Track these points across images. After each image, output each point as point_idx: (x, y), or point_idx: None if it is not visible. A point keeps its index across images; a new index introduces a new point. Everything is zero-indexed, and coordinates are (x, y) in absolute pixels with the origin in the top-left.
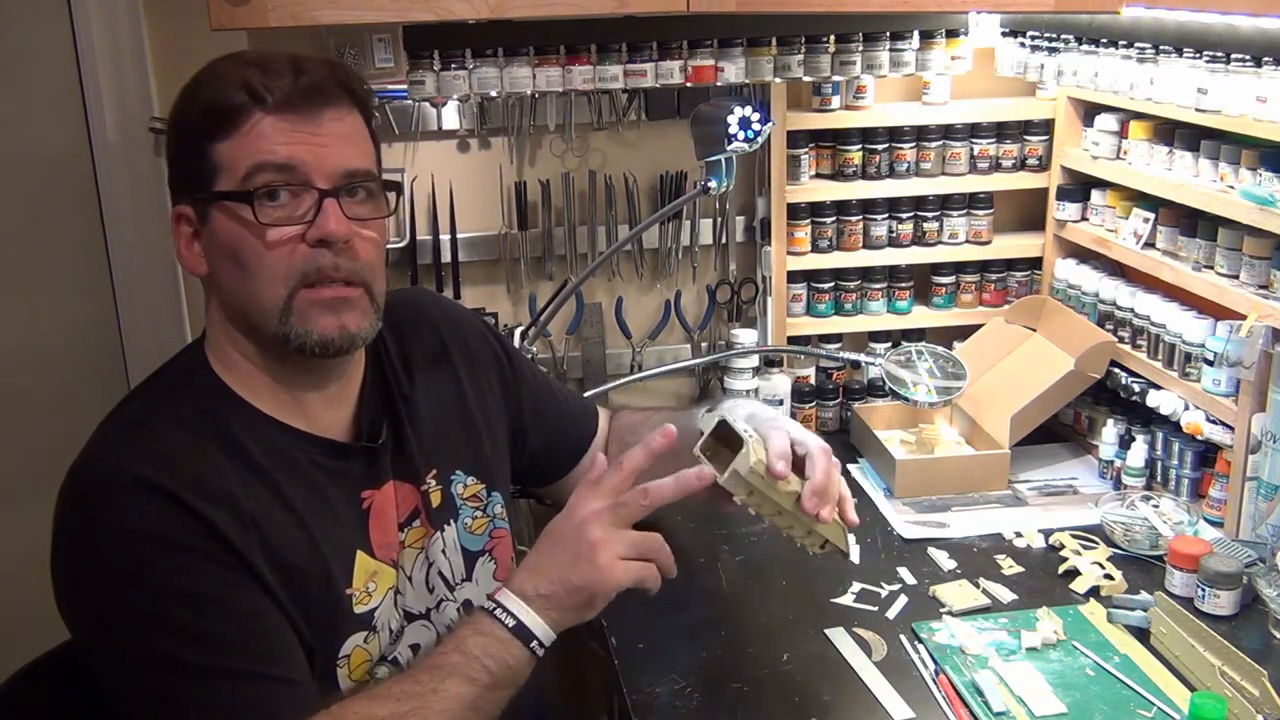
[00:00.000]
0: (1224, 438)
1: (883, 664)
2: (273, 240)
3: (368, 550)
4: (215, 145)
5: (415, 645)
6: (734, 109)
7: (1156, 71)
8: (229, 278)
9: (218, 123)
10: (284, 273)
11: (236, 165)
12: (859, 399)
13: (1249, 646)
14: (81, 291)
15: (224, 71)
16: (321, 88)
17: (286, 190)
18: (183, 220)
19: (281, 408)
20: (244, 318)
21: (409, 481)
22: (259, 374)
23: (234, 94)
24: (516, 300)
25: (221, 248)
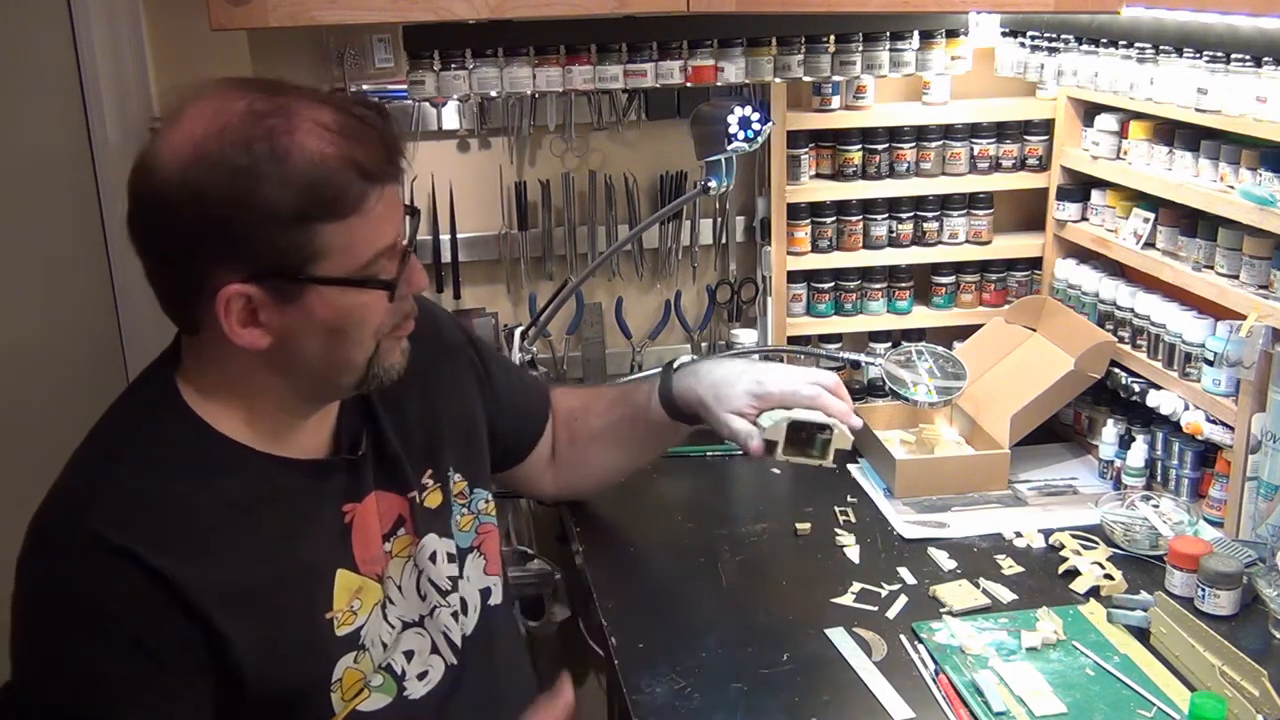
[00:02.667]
0: (1224, 438)
1: (883, 664)
2: (383, 309)
3: (350, 566)
4: (322, 229)
5: (409, 651)
6: (734, 109)
7: (1156, 71)
8: (314, 349)
9: (331, 208)
10: (380, 331)
11: (357, 251)
12: (859, 399)
13: (1249, 646)
14: (81, 291)
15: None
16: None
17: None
18: (235, 299)
19: (261, 437)
20: (320, 378)
21: (393, 490)
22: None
23: (348, 177)
24: (516, 300)
25: (315, 325)
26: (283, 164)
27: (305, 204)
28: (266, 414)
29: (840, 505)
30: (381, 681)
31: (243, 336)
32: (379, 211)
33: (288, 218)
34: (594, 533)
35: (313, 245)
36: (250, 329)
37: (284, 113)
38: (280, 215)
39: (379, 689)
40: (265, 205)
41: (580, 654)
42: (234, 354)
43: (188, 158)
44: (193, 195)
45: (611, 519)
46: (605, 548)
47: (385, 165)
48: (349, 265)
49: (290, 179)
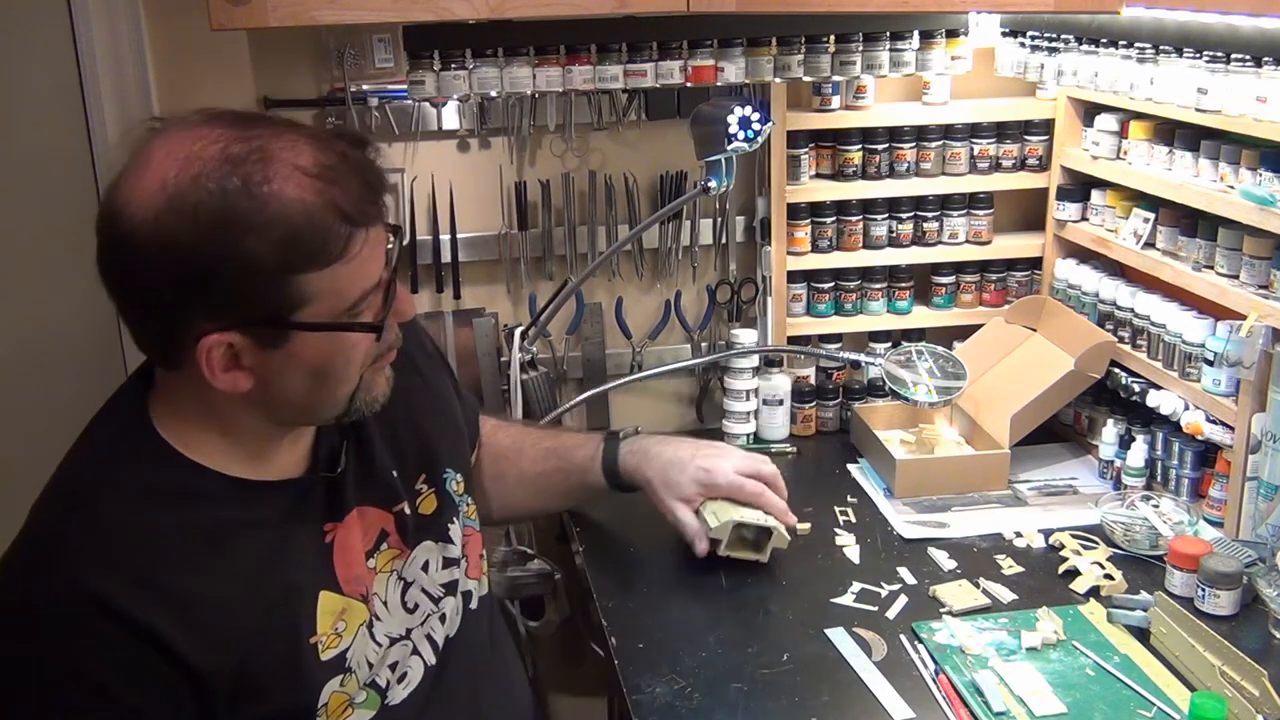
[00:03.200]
0: (1224, 438)
1: (883, 664)
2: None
3: (333, 587)
4: (306, 276)
5: (394, 664)
6: (734, 109)
7: (1156, 71)
8: (298, 388)
9: (312, 256)
10: (363, 365)
11: (343, 295)
12: (859, 399)
13: (1249, 646)
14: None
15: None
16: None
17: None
18: (217, 347)
19: (238, 464)
20: (302, 413)
21: (377, 505)
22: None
23: (331, 224)
24: (516, 300)
25: (300, 367)
26: (262, 214)
27: (287, 254)
28: (243, 440)
29: (840, 505)
30: (365, 697)
31: (223, 380)
32: (364, 254)
33: (270, 268)
34: (594, 533)
35: (296, 293)
36: (233, 372)
37: (260, 157)
38: (262, 266)
39: (363, 705)
40: (245, 258)
41: (580, 654)
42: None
43: (161, 206)
44: (169, 246)
45: (611, 519)
46: (605, 548)
47: (368, 206)
48: (334, 309)
49: (271, 230)
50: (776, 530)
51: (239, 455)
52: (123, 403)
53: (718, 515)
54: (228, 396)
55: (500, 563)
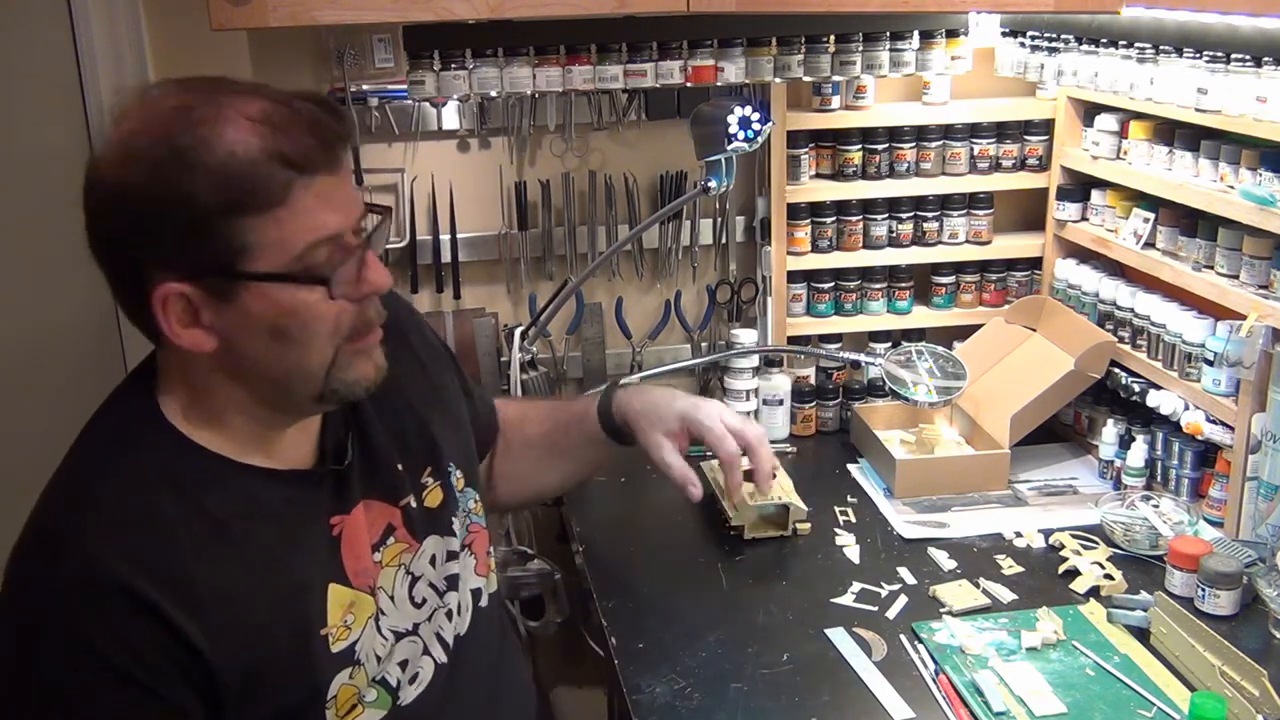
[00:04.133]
0: (1224, 438)
1: (883, 664)
2: (330, 311)
3: (342, 580)
4: (246, 222)
5: (404, 661)
6: (734, 109)
7: (1156, 71)
8: (262, 353)
9: (251, 200)
10: (334, 335)
11: (286, 246)
12: (859, 399)
13: (1249, 646)
14: (81, 291)
15: (226, 135)
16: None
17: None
18: (173, 299)
19: (245, 450)
20: (275, 385)
21: (382, 499)
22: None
23: (267, 167)
24: (516, 300)
25: (256, 326)
26: (203, 156)
27: (227, 196)
28: (240, 426)
29: (840, 505)
30: (376, 696)
31: (184, 337)
32: (309, 203)
33: (212, 211)
34: (594, 533)
35: (240, 239)
36: (193, 330)
37: (213, 105)
38: (204, 209)
39: (373, 704)
40: (187, 199)
41: (580, 654)
42: (196, 362)
43: (119, 156)
44: (122, 194)
45: (611, 519)
46: (605, 548)
47: (315, 154)
48: (279, 260)
49: (211, 171)
50: (794, 505)
51: (243, 443)
52: (130, 390)
53: (735, 505)
54: (209, 371)
55: (500, 563)
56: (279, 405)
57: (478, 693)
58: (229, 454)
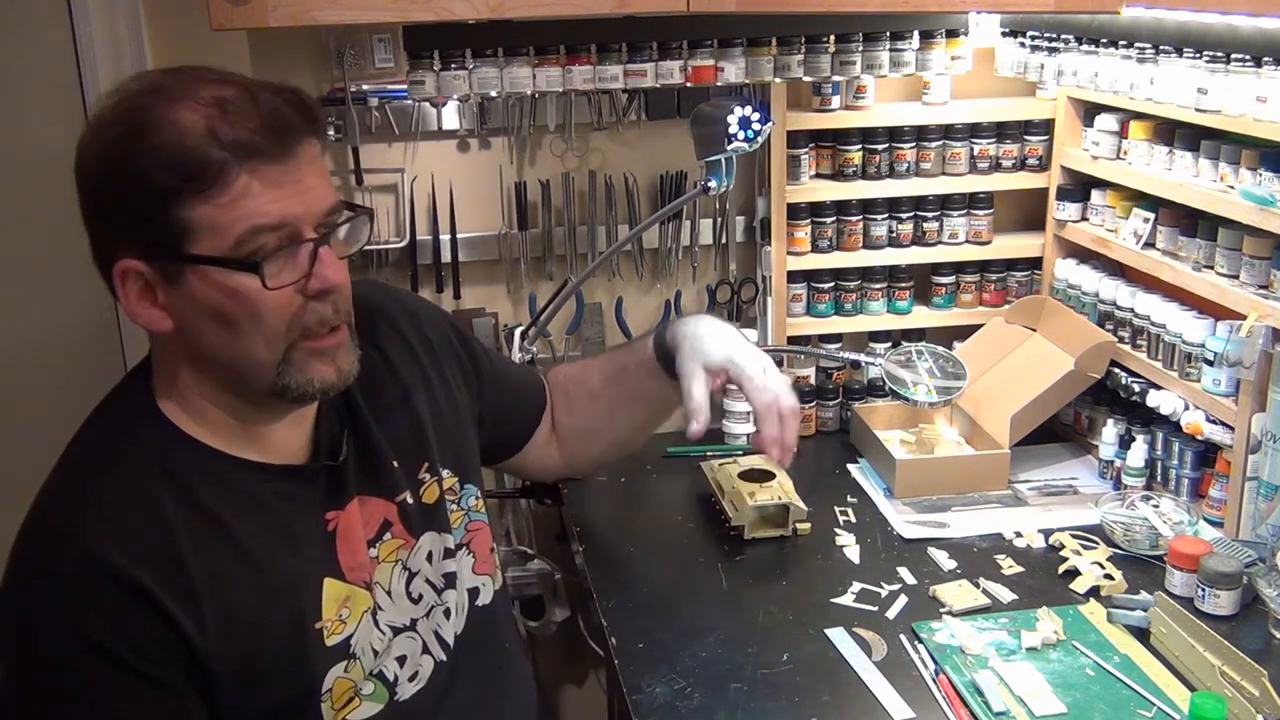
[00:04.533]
0: (1224, 438)
1: (883, 664)
2: (273, 302)
3: (337, 575)
4: (187, 204)
5: (402, 657)
6: (734, 109)
7: (1156, 71)
8: (211, 338)
9: (190, 181)
10: (284, 330)
11: (225, 230)
12: (859, 399)
13: (1249, 646)
14: (81, 291)
15: (177, 116)
16: (289, 122)
17: (283, 249)
18: (130, 276)
19: (237, 443)
20: (228, 372)
21: (377, 495)
22: (219, 414)
23: (206, 149)
24: (516, 300)
25: (202, 309)
26: (149, 134)
27: (169, 175)
28: (219, 418)
29: (840, 505)
30: (373, 689)
31: (142, 315)
32: (252, 189)
33: (154, 189)
34: (594, 533)
35: (180, 221)
36: (151, 309)
37: (175, 86)
38: (146, 186)
39: (370, 697)
40: (133, 177)
41: (580, 654)
42: (164, 346)
43: (87, 134)
44: (83, 169)
45: (611, 519)
46: (605, 548)
47: (260, 140)
48: (220, 244)
49: (156, 149)
50: (794, 505)
51: (234, 437)
52: (128, 386)
53: (735, 505)
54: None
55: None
56: (241, 394)
57: (477, 692)
58: (222, 448)
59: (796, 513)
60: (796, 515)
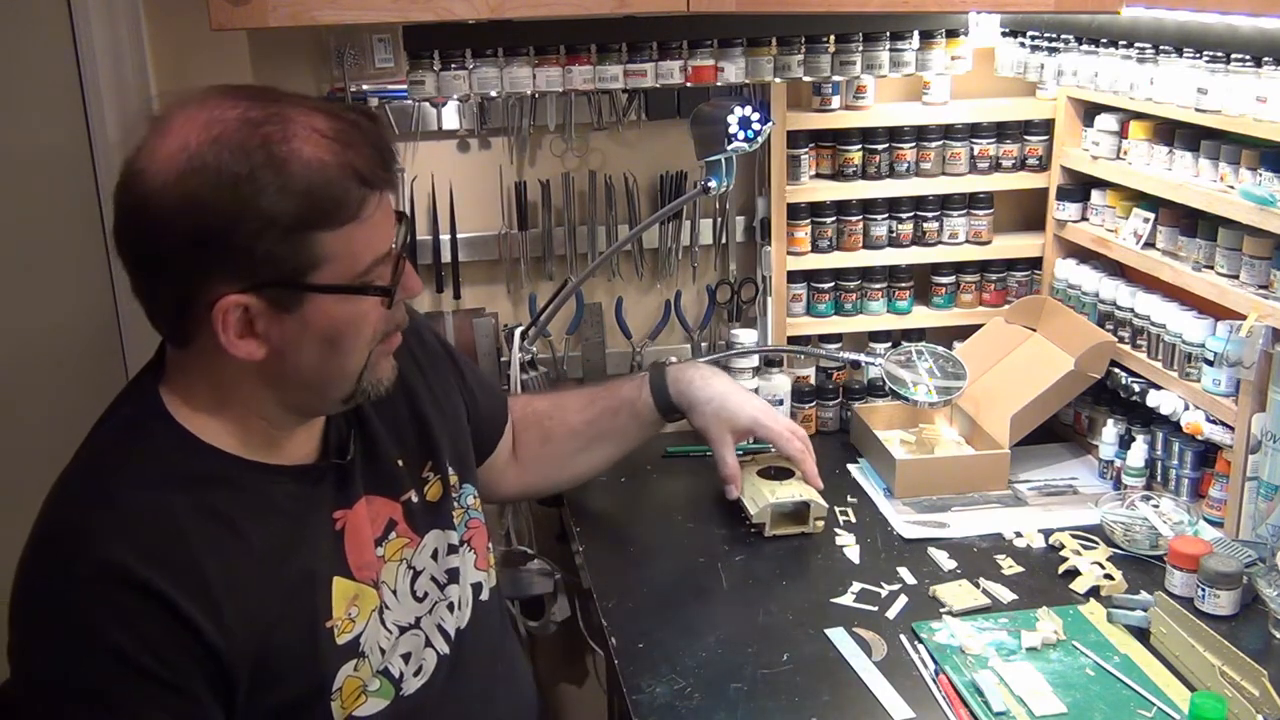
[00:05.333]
0: (1224, 438)
1: (883, 664)
2: (373, 317)
3: (345, 574)
4: (318, 236)
5: (407, 654)
6: (734, 109)
7: (1156, 71)
8: (310, 360)
9: (328, 215)
10: (372, 340)
11: (355, 258)
12: (859, 399)
13: (1249, 646)
14: (81, 291)
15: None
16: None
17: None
18: (233, 310)
19: (249, 447)
20: (310, 390)
21: (383, 494)
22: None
23: (345, 183)
24: (516, 300)
25: (313, 335)
26: (281, 172)
27: (305, 212)
28: (255, 427)
29: (840, 505)
30: (379, 685)
31: (239, 348)
32: (376, 218)
33: (287, 226)
34: (594, 533)
35: (312, 253)
36: (247, 340)
37: (279, 120)
38: (279, 224)
39: (376, 693)
40: (264, 214)
41: (580, 654)
42: (225, 366)
43: (182, 167)
44: (189, 206)
45: (611, 519)
46: (605, 548)
47: (381, 171)
48: (347, 273)
49: (289, 187)
50: (814, 501)
51: (251, 441)
52: (137, 390)
53: (755, 501)
54: (239, 375)
55: (500, 563)
56: (304, 409)
57: (478, 684)
58: (234, 450)
59: (817, 509)
60: (817, 512)
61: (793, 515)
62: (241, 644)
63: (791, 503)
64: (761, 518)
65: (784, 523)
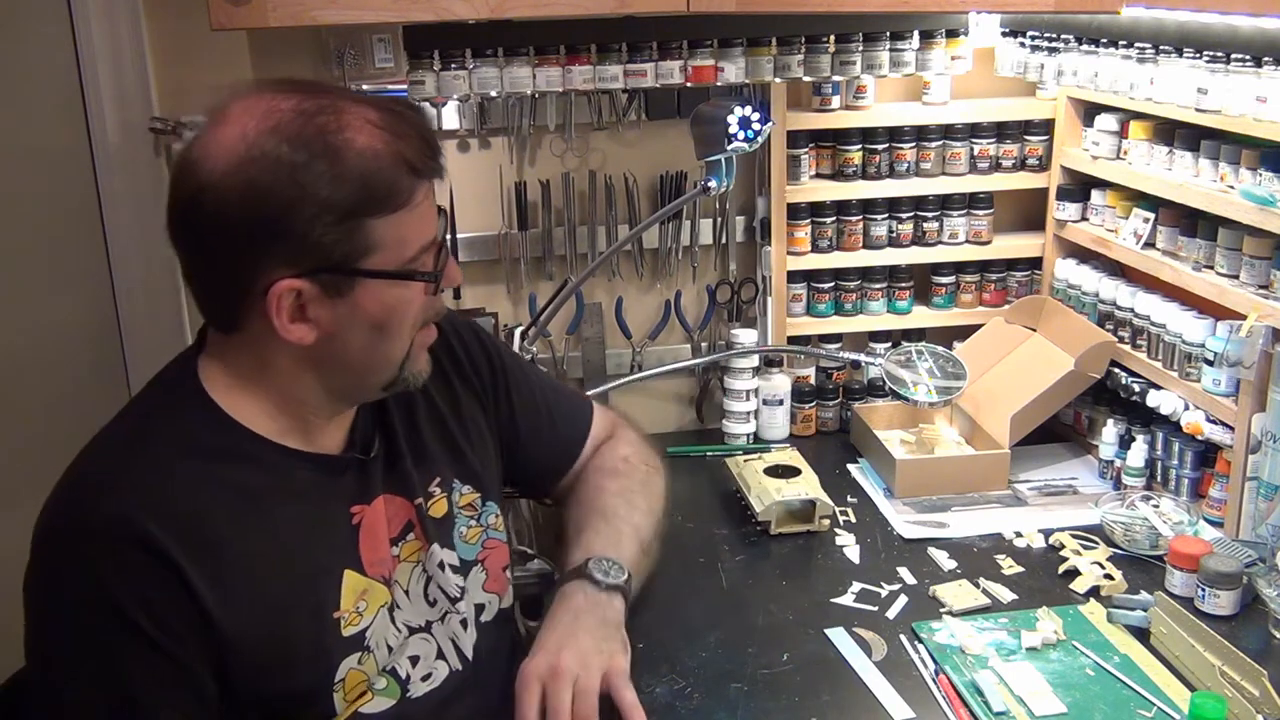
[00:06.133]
0: (1224, 438)
1: (883, 664)
2: (418, 304)
3: (357, 568)
4: (372, 223)
5: (415, 657)
6: (734, 109)
7: (1156, 71)
8: (358, 344)
9: (382, 203)
10: (415, 326)
11: (405, 245)
12: (859, 399)
13: (1249, 646)
14: (81, 291)
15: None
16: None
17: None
18: (286, 294)
19: (278, 430)
20: (355, 376)
21: (401, 495)
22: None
23: (398, 171)
24: (516, 300)
25: (363, 319)
26: (336, 160)
27: (359, 200)
28: (293, 412)
29: (840, 505)
30: (385, 684)
31: (292, 332)
32: (424, 207)
33: (342, 213)
34: None
35: (365, 240)
36: (298, 324)
37: (333, 110)
38: (334, 211)
39: (382, 692)
40: (320, 201)
41: None
42: (272, 350)
43: (241, 155)
44: (247, 192)
45: None
46: None
47: (429, 160)
48: (397, 259)
49: (344, 175)
50: (820, 500)
51: (282, 425)
52: (175, 366)
53: (761, 499)
54: (286, 359)
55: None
56: (347, 394)
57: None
58: (264, 433)
59: (823, 508)
60: (823, 510)
61: (798, 513)
62: (245, 620)
63: (798, 501)
64: (767, 515)
65: (789, 521)
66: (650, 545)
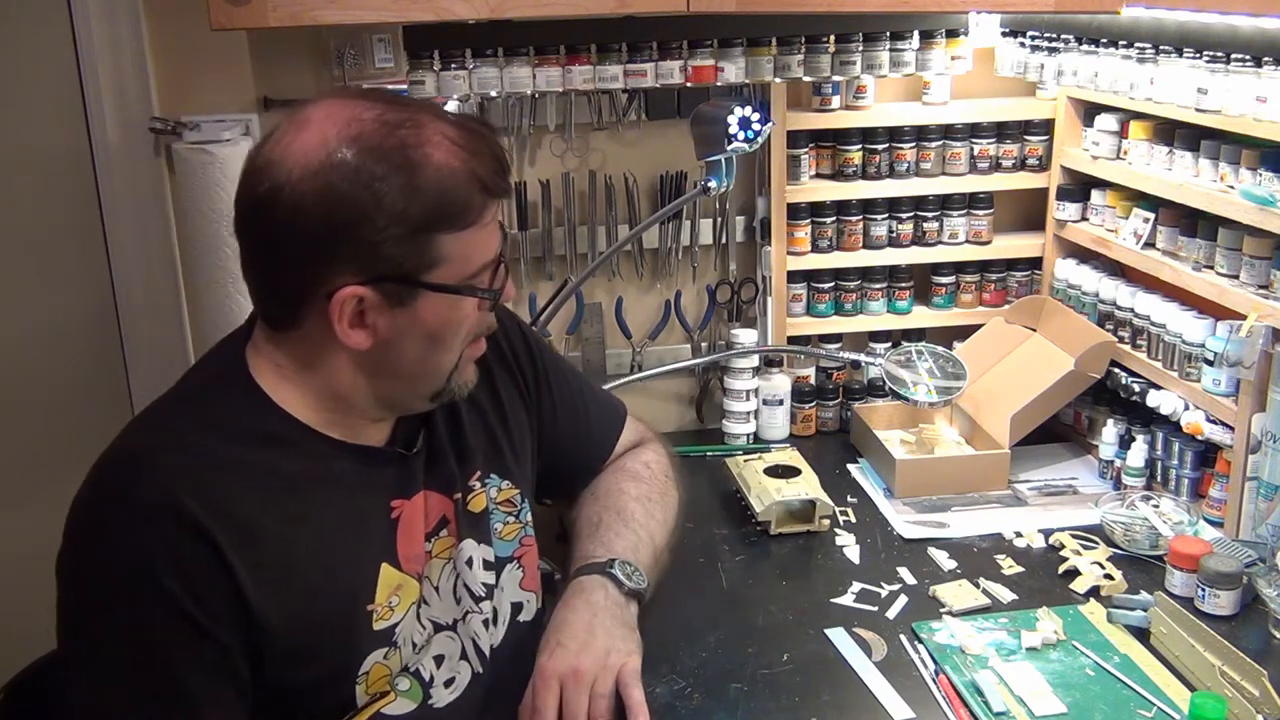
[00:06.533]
0: (1224, 438)
1: (883, 664)
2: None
3: (393, 563)
4: (441, 237)
5: (439, 656)
6: (734, 109)
7: (1156, 71)
8: (412, 353)
9: (452, 219)
10: (467, 339)
11: (470, 260)
12: (859, 399)
13: (1249, 646)
14: (81, 291)
15: (435, 156)
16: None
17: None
18: (349, 301)
19: (324, 422)
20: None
21: (440, 491)
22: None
23: (471, 189)
24: (516, 300)
25: (419, 329)
26: (414, 174)
27: (432, 214)
28: (338, 408)
29: (840, 505)
30: (408, 686)
31: (351, 337)
32: (491, 226)
33: (413, 226)
34: None
35: (432, 253)
36: (357, 329)
37: (414, 124)
38: (406, 223)
39: (405, 693)
40: (394, 213)
41: None
42: (327, 352)
43: (323, 160)
44: (325, 198)
45: None
46: None
47: (501, 180)
48: (459, 274)
49: (420, 190)
50: (820, 499)
51: (326, 418)
52: (221, 351)
53: (761, 499)
54: (339, 362)
55: None
56: (395, 402)
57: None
58: (309, 423)
59: (823, 508)
60: (823, 510)
61: (798, 513)
62: (280, 606)
63: (798, 501)
64: (767, 515)
65: (789, 521)
66: (662, 556)
